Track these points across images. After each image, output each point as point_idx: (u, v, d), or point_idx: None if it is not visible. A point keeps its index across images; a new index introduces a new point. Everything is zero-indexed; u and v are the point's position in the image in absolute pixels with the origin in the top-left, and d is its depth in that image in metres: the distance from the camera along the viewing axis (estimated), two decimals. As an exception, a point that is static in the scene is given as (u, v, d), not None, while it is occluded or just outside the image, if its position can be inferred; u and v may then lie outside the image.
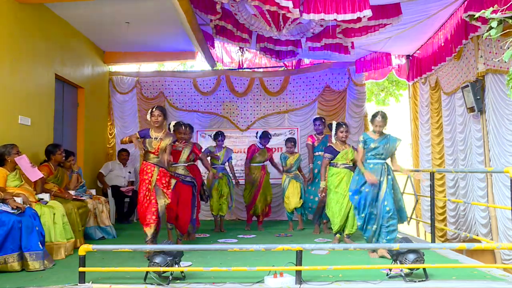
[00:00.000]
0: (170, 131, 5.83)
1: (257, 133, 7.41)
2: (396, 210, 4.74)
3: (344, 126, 5.68)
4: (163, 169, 5.07)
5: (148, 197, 4.95)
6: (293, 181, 7.04)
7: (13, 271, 4.19)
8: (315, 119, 7.24)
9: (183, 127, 5.99)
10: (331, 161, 5.67)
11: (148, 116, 5.11)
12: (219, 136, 7.08)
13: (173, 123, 5.99)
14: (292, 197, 6.97)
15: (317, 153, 6.94)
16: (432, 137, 7.67)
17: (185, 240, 5.98)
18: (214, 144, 7.20)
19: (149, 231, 4.88)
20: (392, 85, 12.32)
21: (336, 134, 5.67)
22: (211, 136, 7.33)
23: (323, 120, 7.20)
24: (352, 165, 5.61)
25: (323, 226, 6.81)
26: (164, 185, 5.05)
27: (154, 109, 5.11)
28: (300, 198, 6.99)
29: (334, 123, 5.78)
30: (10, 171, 4.85)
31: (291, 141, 7.17)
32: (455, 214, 6.93)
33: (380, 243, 4.67)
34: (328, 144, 5.97)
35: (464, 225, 6.59)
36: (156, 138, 5.04)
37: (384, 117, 4.83)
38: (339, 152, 5.62)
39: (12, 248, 4.22)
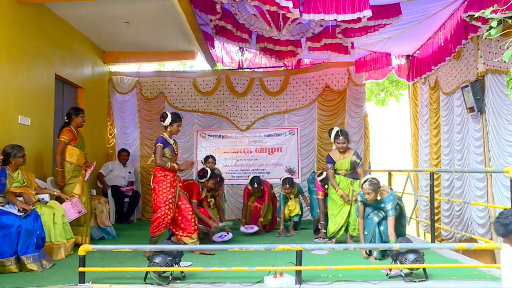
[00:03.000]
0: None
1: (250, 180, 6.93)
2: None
3: (341, 137, 5.42)
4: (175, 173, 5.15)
5: (172, 207, 4.94)
6: (295, 200, 6.95)
7: (11, 272, 4.20)
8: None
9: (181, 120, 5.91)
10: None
11: (175, 127, 4.99)
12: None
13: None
14: (293, 209, 6.89)
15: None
16: (431, 137, 7.67)
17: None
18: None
19: (194, 237, 4.99)
20: (392, 85, 12.31)
21: (334, 142, 5.56)
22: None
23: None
24: (350, 174, 5.58)
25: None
26: (183, 188, 5.20)
27: (181, 120, 5.08)
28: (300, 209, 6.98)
29: (334, 131, 5.55)
30: (12, 171, 4.86)
31: (286, 183, 6.67)
32: (449, 214, 6.93)
33: (379, 243, 4.68)
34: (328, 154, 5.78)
35: (459, 225, 6.59)
36: (173, 144, 5.09)
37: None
38: (336, 161, 5.56)
39: (10, 252, 4.23)
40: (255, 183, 6.82)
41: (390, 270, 3.94)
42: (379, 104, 12.83)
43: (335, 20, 5.43)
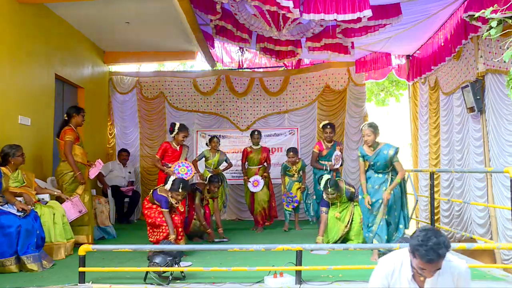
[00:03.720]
0: (174, 132, 6.02)
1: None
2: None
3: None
4: None
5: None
6: (296, 183, 6.99)
7: (11, 272, 4.21)
8: (324, 126, 6.60)
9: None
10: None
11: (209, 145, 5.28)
12: (214, 138, 7.18)
13: (178, 124, 6.06)
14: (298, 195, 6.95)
15: (323, 162, 6.55)
16: (430, 137, 7.67)
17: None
18: (208, 148, 7.22)
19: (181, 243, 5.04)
20: (392, 85, 12.31)
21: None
22: (207, 144, 7.34)
23: (334, 127, 6.73)
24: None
25: None
26: None
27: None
28: (301, 198, 7.01)
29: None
30: (12, 171, 4.87)
31: (291, 151, 6.87)
32: (448, 214, 6.93)
33: (379, 243, 4.68)
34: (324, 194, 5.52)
35: (459, 225, 6.59)
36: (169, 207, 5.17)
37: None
38: (333, 204, 5.49)
39: (10, 252, 4.23)
40: (256, 132, 7.25)
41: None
42: (379, 104, 12.82)
43: (335, 20, 5.43)
